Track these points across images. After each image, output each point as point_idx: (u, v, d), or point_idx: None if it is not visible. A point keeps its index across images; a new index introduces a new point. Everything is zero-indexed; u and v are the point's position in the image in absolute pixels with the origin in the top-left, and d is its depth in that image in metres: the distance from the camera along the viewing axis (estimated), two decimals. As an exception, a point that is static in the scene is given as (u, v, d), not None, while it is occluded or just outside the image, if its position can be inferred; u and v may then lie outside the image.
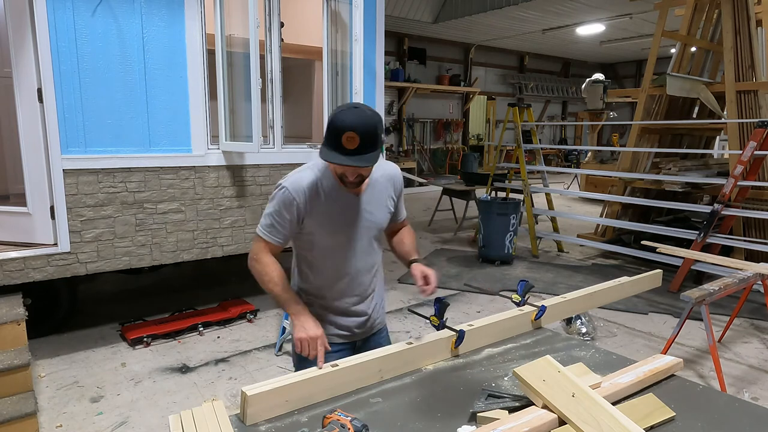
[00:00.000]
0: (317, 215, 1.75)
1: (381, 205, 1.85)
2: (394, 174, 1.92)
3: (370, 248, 1.88)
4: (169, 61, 3.79)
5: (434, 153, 14.86)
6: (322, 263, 1.84)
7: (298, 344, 1.69)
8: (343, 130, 1.54)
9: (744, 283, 3.53)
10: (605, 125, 14.97)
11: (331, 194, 1.75)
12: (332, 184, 1.75)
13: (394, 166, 1.95)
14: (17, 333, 3.06)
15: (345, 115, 1.56)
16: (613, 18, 11.59)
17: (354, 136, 1.53)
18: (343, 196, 1.77)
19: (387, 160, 2.09)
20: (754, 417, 1.43)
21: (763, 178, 5.67)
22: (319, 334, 1.69)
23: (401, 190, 1.95)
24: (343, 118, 1.56)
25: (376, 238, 1.89)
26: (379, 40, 4.76)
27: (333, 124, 1.56)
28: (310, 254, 1.84)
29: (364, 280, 1.89)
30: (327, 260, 1.83)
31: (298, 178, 1.74)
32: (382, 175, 1.86)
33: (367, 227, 1.83)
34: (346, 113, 1.57)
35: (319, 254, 1.83)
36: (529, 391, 1.39)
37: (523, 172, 6.83)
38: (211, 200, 4.10)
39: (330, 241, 1.80)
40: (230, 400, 3.18)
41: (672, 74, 6.13)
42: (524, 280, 2.11)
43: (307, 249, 1.84)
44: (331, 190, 1.75)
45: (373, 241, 1.88)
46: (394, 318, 4.58)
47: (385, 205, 1.87)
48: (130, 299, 4.98)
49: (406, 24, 12.05)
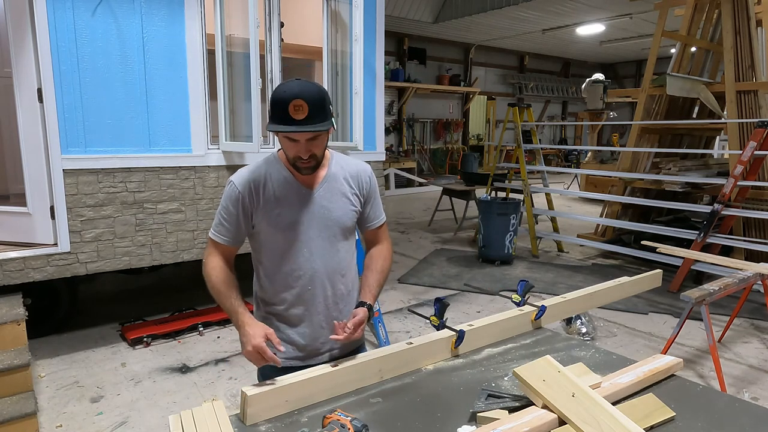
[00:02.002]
0: (266, 210, 1.63)
1: (339, 201, 1.69)
2: (360, 170, 1.75)
3: (332, 249, 1.69)
4: (169, 61, 3.79)
5: (434, 153, 14.87)
6: (276, 265, 1.68)
7: (248, 359, 1.54)
8: (289, 98, 1.45)
9: (744, 283, 3.53)
10: (605, 125, 14.98)
11: (281, 187, 1.63)
12: (282, 177, 1.64)
13: (360, 163, 1.78)
14: (17, 333, 3.06)
15: (288, 86, 1.48)
16: (613, 18, 11.60)
17: (302, 103, 1.44)
18: (294, 190, 1.64)
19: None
20: (754, 417, 1.43)
21: (763, 178, 5.67)
22: (261, 340, 1.51)
23: (372, 189, 1.77)
24: (287, 88, 1.48)
25: (340, 239, 1.71)
26: (379, 40, 4.77)
27: (277, 95, 1.48)
28: (263, 256, 1.70)
29: (326, 284, 1.70)
30: (281, 262, 1.67)
31: (244, 171, 1.65)
32: (342, 171, 1.72)
33: (325, 225, 1.67)
34: (289, 84, 1.50)
35: (272, 255, 1.68)
36: (529, 391, 1.39)
37: (523, 172, 6.83)
38: (211, 200, 4.10)
39: (281, 239, 1.65)
40: (230, 400, 3.18)
41: (672, 74, 6.13)
42: (524, 280, 2.11)
43: (259, 250, 1.71)
44: (282, 184, 1.63)
45: (337, 242, 1.70)
46: (394, 318, 4.58)
47: (345, 202, 1.70)
48: (130, 299, 4.98)
49: (406, 24, 12.06)
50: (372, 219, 1.81)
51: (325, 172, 1.69)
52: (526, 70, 17.28)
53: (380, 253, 1.82)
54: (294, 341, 1.72)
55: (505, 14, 11.05)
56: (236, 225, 1.65)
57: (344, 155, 1.80)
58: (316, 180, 1.68)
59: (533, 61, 17.37)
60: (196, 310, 4.48)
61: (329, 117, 1.53)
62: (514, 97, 9.96)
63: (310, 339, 1.72)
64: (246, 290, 1.71)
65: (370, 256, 1.83)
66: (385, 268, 1.79)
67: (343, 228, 1.71)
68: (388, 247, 1.85)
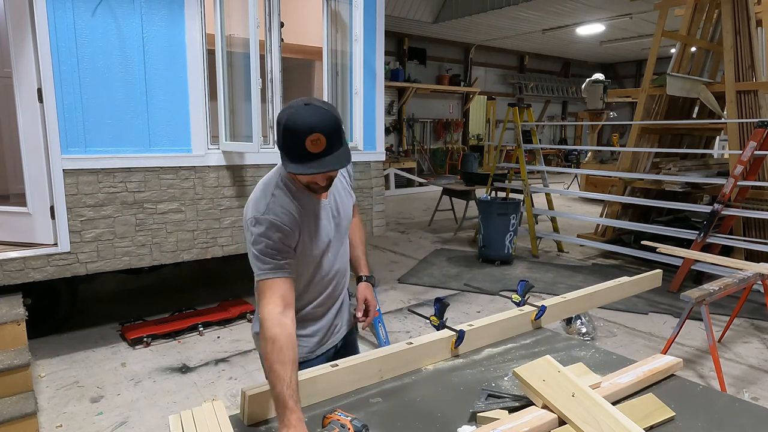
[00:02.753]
0: (305, 236, 1.59)
1: (345, 201, 1.75)
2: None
3: (344, 246, 1.80)
4: (169, 61, 3.79)
5: (434, 153, 14.87)
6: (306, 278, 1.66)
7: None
8: (304, 134, 1.34)
9: (744, 283, 3.53)
10: (605, 125, 14.98)
11: (312, 210, 1.61)
12: (306, 199, 1.59)
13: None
14: (17, 333, 3.06)
15: (301, 116, 1.36)
16: (613, 18, 11.60)
17: (319, 137, 1.35)
18: (319, 209, 1.64)
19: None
20: (754, 417, 1.43)
21: (763, 178, 5.67)
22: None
23: (352, 173, 1.87)
24: (299, 120, 1.35)
25: (346, 233, 1.81)
26: (379, 40, 4.77)
27: (291, 129, 1.36)
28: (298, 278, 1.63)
29: (343, 280, 1.81)
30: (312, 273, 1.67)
31: (274, 204, 1.51)
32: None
33: (340, 227, 1.73)
34: (301, 114, 1.36)
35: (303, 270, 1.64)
36: (529, 391, 1.39)
37: (523, 172, 6.83)
38: (211, 200, 4.10)
39: (315, 257, 1.65)
40: (230, 400, 3.18)
41: (672, 74, 6.13)
42: (524, 280, 2.11)
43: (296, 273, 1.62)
44: (309, 206, 1.60)
45: (345, 237, 1.81)
46: (394, 318, 4.58)
47: (348, 200, 1.78)
48: (130, 299, 4.98)
49: (406, 24, 12.06)
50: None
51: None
52: (526, 70, 17.28)
53: (357, 226, 1.95)
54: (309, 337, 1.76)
55: (505, 14, 11.05)
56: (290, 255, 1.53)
57: None
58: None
59: (533, 61, 17.37)
60: (196, 310, 4.48)
61: (344, 141, 1.45)
62: (514, 97, 9.97)
63: (324, 332, 1.79)
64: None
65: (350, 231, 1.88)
66: (364, 238, 2.00)
67: (349, 222, 1.80)
68: (358, 217, 1.97)
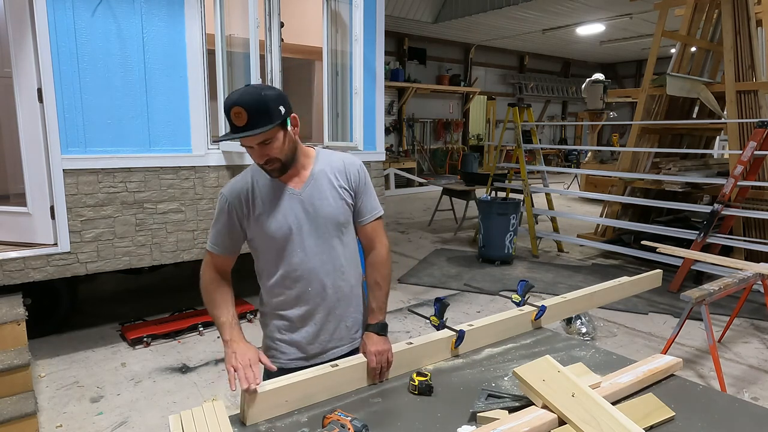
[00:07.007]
0: (257, 217, 1.64)
1: (328, 198, 1.67)
2: (348, 164, 1.73)
3: (327, 247, 1.68)
4: (169, 61, 3.79)
5: (434, 153, 14.86)
6: (273, 269, 1.68)
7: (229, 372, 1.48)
8: (229, 107, 1.49)
9: (744, 283, 3.53)
10: (605, 125, 14.98)
11: (269, 193, 1.65)
12: (269, 182, 1.65)
13: (348, 157, 1.76)
14: (17, 333, 3.06)
15: (232, 94, 1.52)
16: (613, 18, 11.60)
17: (240, 110, 1.47)
18: (282, 194, 1.65)
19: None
20: (754, 417, 1.43)
21: (763, 178, 5.67)
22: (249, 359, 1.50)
23: (362, 181, 1.73)
24: (230, 96, 1.52)
25: (334, 236, 1.69)
26: (379, 40, 4.76)
27: (224, 104, 1.52)
28: (261, 262, 1.72)
29: (325, 282, 1.68)
30: (278, 265, 1.67)
31: (233, 182, 1.69)
32: (329, 167, 1.70)
33: (316, 224, 1.66)
34: (234, 92, 1.53)
35: (268, 259, 1.69)
36: (529, 391, 1.39)
37: (523, 172, 6.83)
38: (211, 200, 4.10)
39: (275, 243, 1.65)
40: (230, 400, 3.18)
41: (672, 74, 6.13)
42: (524, 280, 2.12)
43: (257, 256, 1.73)
44: (269, 189, 1.65)
45: (331, 239, 1.69)
46: (394, 318, 4.58)
47: (334, 197, 1.67)
48: (130, 299, 4.98)
49: (406, 24, 12.06)
50: (366, 213, 1.74)
51: (310, 170, 1.69)
52: (526, 70, 17.28)
53: (379, 260, 1.76)
54: (296, 342, 1.72)
55: (505, 14, 11.05)
56: (230, 235, 1.67)
57: (332, 152, 1.78)
58: (302, 180, 1.67)
59: (533, 61, 17.36)
60: (196, 310, 4.47)
61: (276, 119, 1.51)
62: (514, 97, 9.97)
63: (313, 338, 1.72)
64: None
65: (370, 265, 1.77)
66: (387, 276, 1.77)
67: (336, 224, 1.68)
68: (386, 250, 1.77)
